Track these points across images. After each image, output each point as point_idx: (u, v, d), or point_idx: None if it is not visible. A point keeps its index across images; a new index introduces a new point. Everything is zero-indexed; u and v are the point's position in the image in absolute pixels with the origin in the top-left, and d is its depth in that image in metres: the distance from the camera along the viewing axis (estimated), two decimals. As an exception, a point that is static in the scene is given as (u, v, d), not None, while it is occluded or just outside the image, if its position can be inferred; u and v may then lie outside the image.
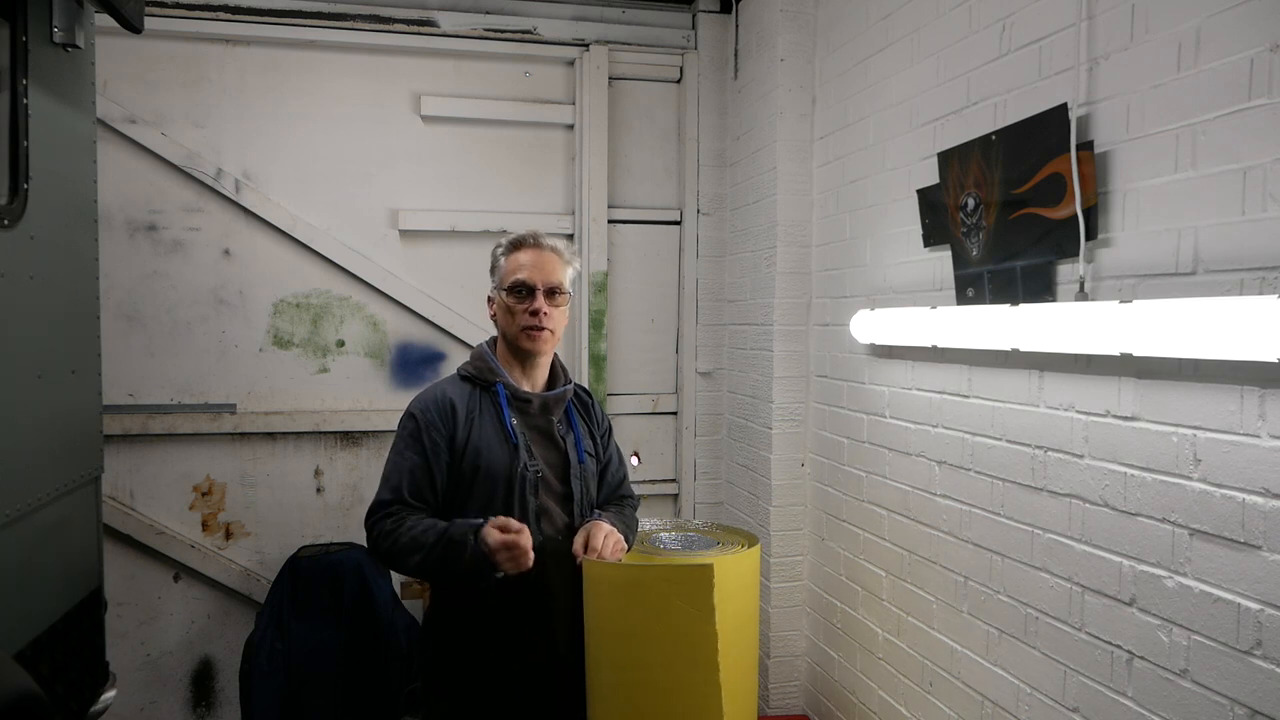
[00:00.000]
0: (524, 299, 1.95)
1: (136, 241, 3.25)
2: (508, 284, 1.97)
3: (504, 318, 1.99)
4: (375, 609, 3.15)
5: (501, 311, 2.00)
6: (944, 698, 2.32)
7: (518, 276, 1.96)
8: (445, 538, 1.78)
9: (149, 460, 3.28)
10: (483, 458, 1.90)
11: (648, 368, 3.72)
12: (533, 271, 1.96)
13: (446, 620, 1.94)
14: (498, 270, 2.02)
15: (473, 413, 1.94)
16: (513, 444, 1.93)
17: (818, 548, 3.07)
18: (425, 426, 1.90)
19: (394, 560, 1.85)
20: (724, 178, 3.67)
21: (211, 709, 3.41)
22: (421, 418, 1.92)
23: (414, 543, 1.80)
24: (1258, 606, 1.44)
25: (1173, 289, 1.61)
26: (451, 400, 1.94)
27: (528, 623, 1.90)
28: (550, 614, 1.91)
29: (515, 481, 1.91)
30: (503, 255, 2.01)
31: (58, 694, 1.84)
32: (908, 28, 2.49)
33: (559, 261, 2.00)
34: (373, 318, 3.47)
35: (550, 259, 1.99)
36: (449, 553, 1.76)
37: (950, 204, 2.25)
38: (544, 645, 1.92)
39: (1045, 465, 1.93)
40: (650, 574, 1.86)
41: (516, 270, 1.97)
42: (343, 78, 3.39)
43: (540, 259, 1.98)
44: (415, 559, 1.80)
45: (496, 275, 2.02)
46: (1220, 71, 1.51)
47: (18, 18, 1.67)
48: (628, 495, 2.19)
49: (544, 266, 1.97)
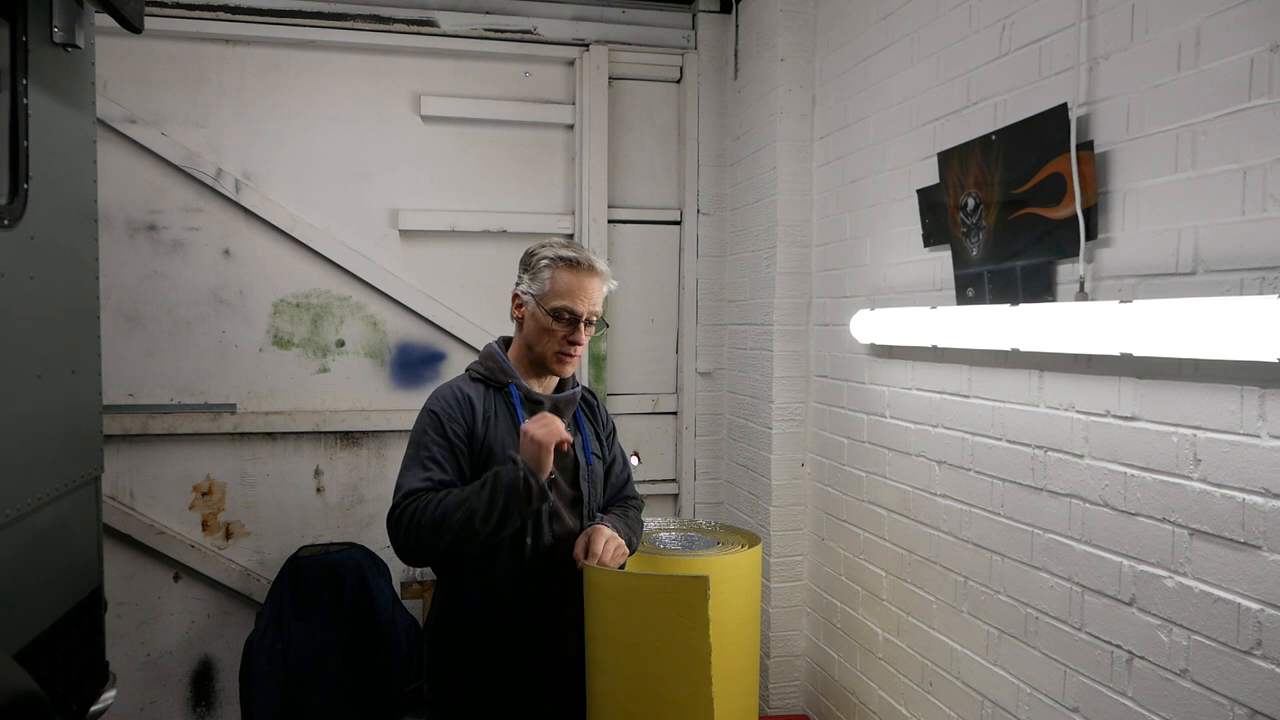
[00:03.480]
0: (565, 326, 1.90)
1: (136, 241, 3.25)
2: (551, 305, 1.89)
3: (534, 332, 1.93)
4: (375, 609, 3.16)
5: (533, 325, 1.93)
6: (944, 698, 2.32)
7: (565, 303, 1.89)
8: (483, 480, 1.77)
9: (149, 460, 3.28)
10: (496, 458, 1.88)
11: (648, 368, 3.72)
12: (581, 300, 1.89)
13: (453, 620, 1.93)
14: (539, 280, 1.92)
15: (489, 412, 1.92)
16: None
17: (818, 548, 3.07)
18: (446, 420, 1.88)
19: (436, 530, 1.74)
20: (724, 178, 3.67)
21: (211, 709, 3.41)
22: (442, 412, 1.89)
23: (457, 501, 1.75)
24: (1258, 606, 1.44)
25: (1173, 289, 1.61)
26: (469, 397, 1.92)
27: (536, 623, 1.89)
28: (559, 614, 1.90)
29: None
30: (548, 267, 1.91)
31: (58, 694, 1.84)
32: (908, 28, 2.49)
33: (602, 286, 1.94)
34: (373, 318, 3.47)
35: (597, 286, 1.93)
36: (493, 487, 1.74)
37: (950, 204, 2.25)
38: (552, 646, 1.91)
39: (1045, 465, 1.93)
40: (646, 583, 1.84)
41: (564, 294, 1.89)
42: (343, 78, 3.39)
43: (589, 286, 1.91)
44: (457, 515, 1.73)
45: (536, 285, 1.92)
46: (1220, 71, 1.51)
47: (18, 18, 1.67)
48: (632, 496, 2.17)
49: (592, 295, 1.91)
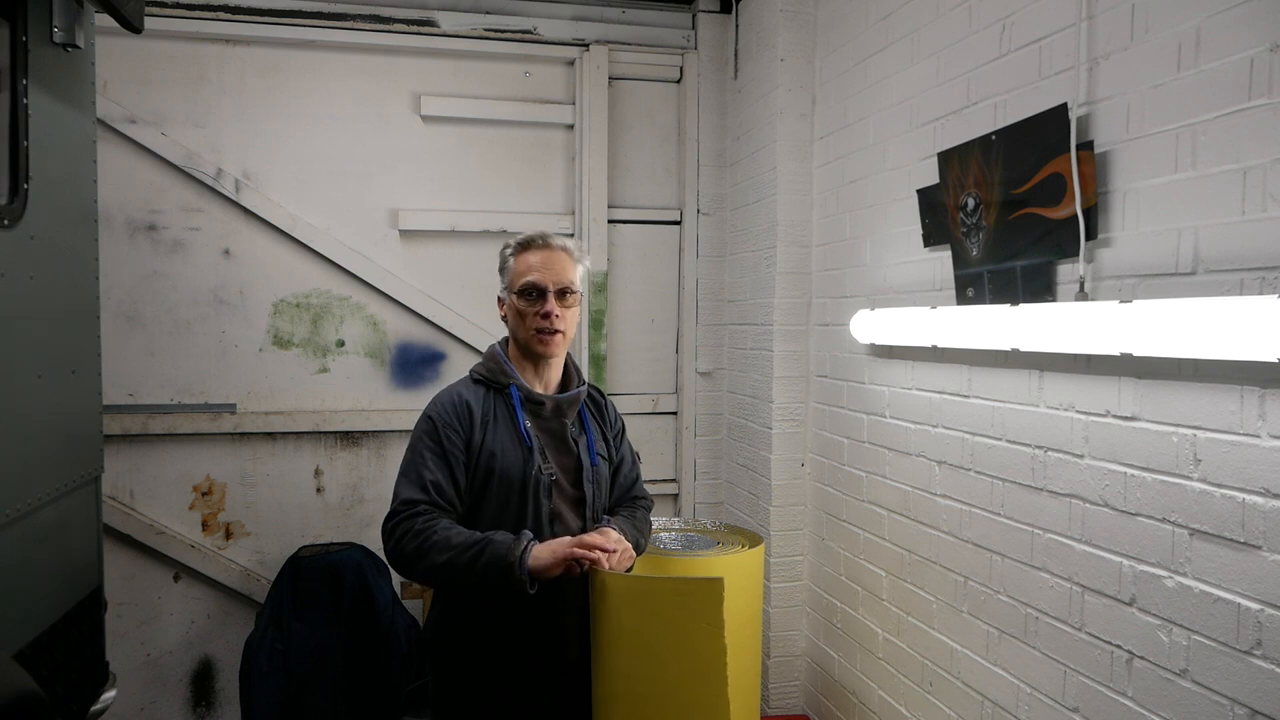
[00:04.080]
0: (535, 301, 1.91)
1: (136, 241, 3.25)
2: (518, 286, 1.93)
3: (515, 320, 1.96)
4: (375, 609, 3.16)
5: (512, 314, 1.96)
6: (944, 697, 2.32)
7: (528, 278, 1.92)
8: (485, 540, 1.75)
9: (149, 460, 3.28)
10: (497, 461, 1.87)
11: (648, 368, 3.73)
12: (543, 273, 1.92)
13: (455, 623, 1.91)
14: (507, 271, 1.98)
15: (488, 416, 1.91)
16: (527, 447, 1.90)
17: (818, 548, 3.07)
18: (443, 428, 1.87)
19: (419, 558, 1.76)
20: (724, 178, 3.67)
21: (211, 709, 3.41)
22: (439, 419, 1.88)
23: (446, 541, 1.75)
24: (1258, 606, 1.44)
25: (1173, 289, 1.61)
26: (468, 402, 1.91)
27: (539, 627, 1.87)
28: (562, 618, 1.89)
29: (530, 485, 1.88)
30: (511, 256, 1.97)
31: (58, 694, 1.84)
32: (908, 28, 2.49)
33: (569, 260, 1.96)
34: (373, 318, 3.47)
35: (560, 258, 1.95)
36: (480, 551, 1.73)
37: (950, 204, 2.25)
38: (555, 649, 1.90)
39: (1045, 465, 1.93)
40: (660, 586, 1.83)
41: (526, 272, 1.93)
42: (343, 78, 3.39)
43: (550, 259, 1.93)
44: (443, 557, 1.73)
45: (506, 276, 1.98)
46: (1220, 71, 1.51)
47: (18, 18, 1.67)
48: (640, 496, 2.15)
49: (554, 266, 1.93)
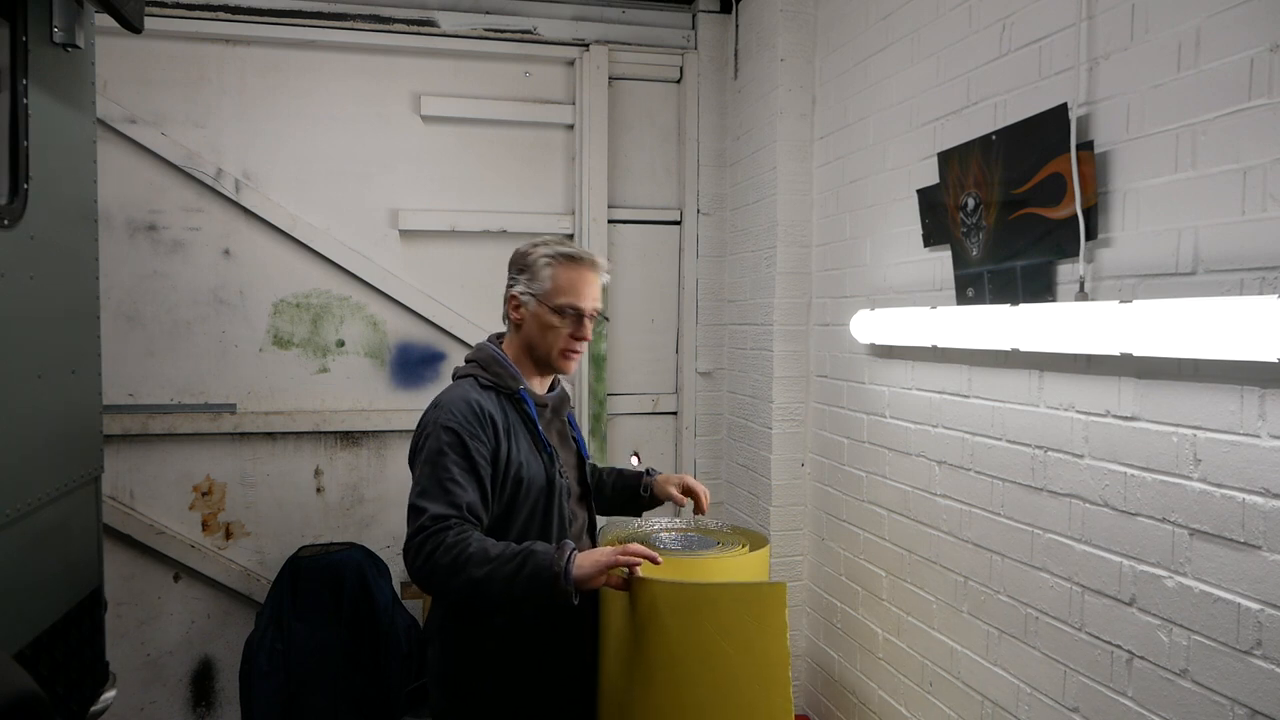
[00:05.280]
0: (570, 322, 1.87)
1: (136, 241, 3.25)
2: (556, 303, 1.86)
3: (537, 331, 1.88)
4: (375, 609, 3.16)
5: (535, 323, 1.88)
6: (944, 697, 2.32)
7: (572, 301, 1.86)
8: (526, 550, 1.64)
9: (149, 460, 3.28)
10: (525, 471, 1.82)
11: (648, 368, 3.72)
12: (586, 297, 1.88)
13: (464, 623, 1.86)
14: (539, 279, 1.87)
15: (508, 424, 1.84)
16: (547, 454, 1.87)
17: (818, 548, 3.07)
18: (470, 438, 1.75)
19: (455, 572, 1.62)
20: (724, 178, 3.67)
21: (211, 709, 3.41)
22: (464, 430, 1.75)
23: (484, 554, 1.63)
24: (1258, 606, 1.44)
25: (1173, 289, 1.61)
26: (489, 412, 1.81)
27: (556, 626, 1.84)
28: (577, 619, 1.84)
29: (556, 492, 1.85)
30: (549, 265, 1.87)
31: (58, 694, 1.84)
32: (908, 28, 2.49)
33: (599, 281, 1.92)
34: (373, 318, 3.47)
35: (597, 281, 1.91)
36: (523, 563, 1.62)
37: (950, 204, 2.25)
38: (570, 650, 1.88)
39: (1045, 465, 1.93)
40: (718, 592, 1.76)
41: (570, 291, 1.86)
42: (343, 78, 3.39)
43: (593, 282, 1.89)
44: (483, 570, 1.61)
45: (537, 284, 1.87)
46: (1220, 71, 1.51)
47: (18, 18, 1.67)
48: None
49: (595, 290, 1.89)
